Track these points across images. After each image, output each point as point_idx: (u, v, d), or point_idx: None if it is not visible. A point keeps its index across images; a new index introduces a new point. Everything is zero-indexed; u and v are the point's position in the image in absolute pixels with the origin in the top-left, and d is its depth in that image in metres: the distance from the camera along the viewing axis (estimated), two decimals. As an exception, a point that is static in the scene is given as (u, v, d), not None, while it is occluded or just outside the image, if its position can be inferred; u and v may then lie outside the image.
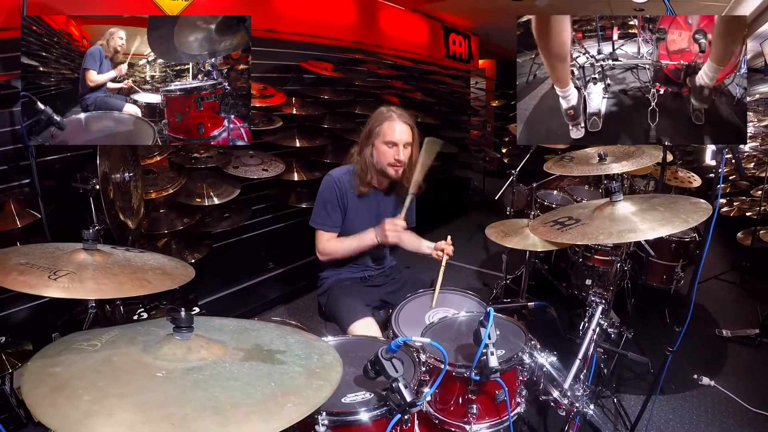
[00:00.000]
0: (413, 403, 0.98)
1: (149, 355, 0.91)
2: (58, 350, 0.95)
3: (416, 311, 1.82)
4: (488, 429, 1.32)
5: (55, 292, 1.09)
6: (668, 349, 1.88)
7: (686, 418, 2.34)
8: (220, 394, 0.78)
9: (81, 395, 0.78)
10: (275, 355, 0.94)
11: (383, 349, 1.02)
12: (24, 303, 2.35)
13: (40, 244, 1.47)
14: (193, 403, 0.75)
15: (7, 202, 2.09)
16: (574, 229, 1.57)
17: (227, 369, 0.86)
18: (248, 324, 1.12)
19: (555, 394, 1.46)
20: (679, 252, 2.98)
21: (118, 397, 0.77)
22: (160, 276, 1.23)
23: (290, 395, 0.80)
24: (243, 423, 0.71)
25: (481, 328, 1.15)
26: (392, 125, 1.95)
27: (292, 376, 0.87)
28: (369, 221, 2.07)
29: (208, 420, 0.72)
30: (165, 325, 1.07)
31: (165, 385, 0.80)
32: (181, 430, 0.69)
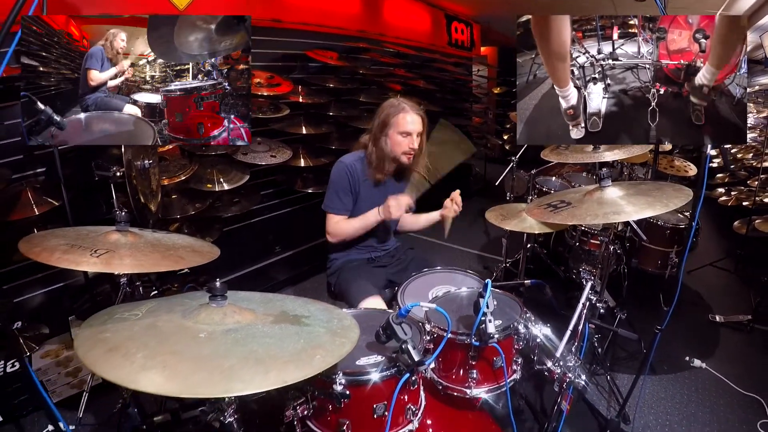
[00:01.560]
0: (421, 362, 1.10)
1: (189, 320, 1.02)
2: (102, 320, 1.07)
3: (421, 288, 1.95)
4: (486, 393, 1.45)
5: (101, 268, 1.21)
6: (657, 328, 1.99)
7: (677, 398, 2.45)
8: (258, 349, 0.90)
9: (134, 353, 0.89)
10: (301, 319, 1.06)
11: (394, 314, 1.14)
12: (38, 289, 2.47)
13: (72, 227, 1.57)
14: (236, 357, 0.87)
15: (24, 190, 2.17)
16: (564, 211, 1.67)
17: (261, 330, 0.99)
18: (272, 296, 1.24)
19: (548, 363, 1.59)
20: (674, 238, 3.07)
21: (170, 354, 0.89)
22: (190, 253, 1.35)
23: (318, 349, 0.92)
24: (281, 370, 0.84)
25: (480, 299, 1.27)
26: (406, 117, 2.06)
27: (317, 335, 1.00)
28: (379, 204, 2.17)
29: (251, 369, 0.84)
30: (197, 297, 1.20)
31: (208, 344, 0.92)
32: (231, 376, 0.81)
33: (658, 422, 2.29)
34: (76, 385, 2.39)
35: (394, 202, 2.04)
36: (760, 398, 2.39)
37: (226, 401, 1.05)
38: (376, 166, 2.14)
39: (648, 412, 2.33)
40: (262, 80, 3.13)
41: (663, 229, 3.09)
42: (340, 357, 0.93)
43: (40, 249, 1.29)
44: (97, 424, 2.22)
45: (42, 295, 2.49)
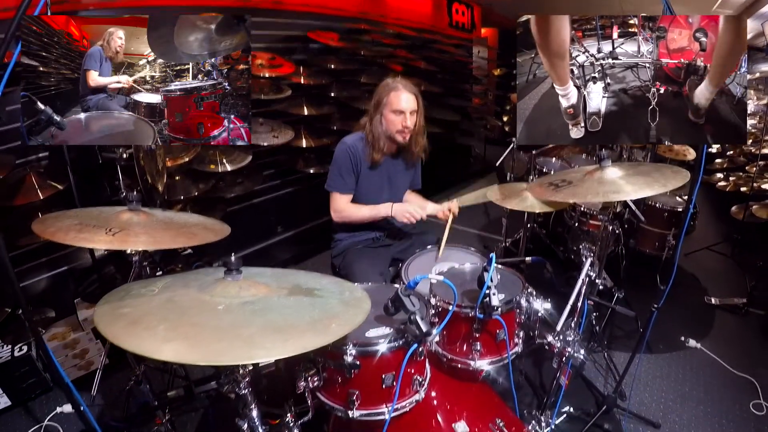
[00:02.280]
0: (429, 333, 1.15)
1: (206, 294, 1.06)
2: (120, 296, 1.10)
3: (424, 264, 2.00)
4: (489, 365, 1.51)
5: (117, 245, 1.25)
6: (653, 306, 2.05)
7: (672, 377, 2.51)
8: (276, 319, 0.94)
9: (156, 326, 0.92)
10: (314, 291, 1.10)
11: (402, 287, 1.18)
12: (43, 272, 2.51)
13: (82, 209, 1.59)
14: (255, 326, 0.91)
15: (28, 175, 2.18)
16: (565, 190, 1.71)
17: (277, 302, 1.03)
18: (283, 271, 1.28)
19: (549, 338, 1.64)
20: (671, 221, 3.12)
21: (190, 325, 0.92)
22: (202, 230, 1.39)
23: (333, 319, 0.96)
24: (299, 338, 0.88)
25: (484, 272, 1.31)
26: (399, 95, 2.08)
27: (331, 306, 1.04)
28: (381, 183, 2.24)
29: (271, 337, 0.88)
30: (211, 272, 1.23)
31: (227, 315, 0.96)
32: (253, 344, 0.85)
33: (653, 399, 2.35)
34: (83, 367, 2.45)
35: (412, 212, 2.10)
36: (752, 379, 2.45)
37: (240, 373, 1.09)
38: (373, 146, 2.17)
39: (644, 390, 2.40)
40: (264, 61, 3.12)
41: (661, 212, 3.14)
42: (355, 325, 0.96)
43: (54, 229, 1.31)
44: (109, 401, 2.27)
45: (47, 278, 2.53)
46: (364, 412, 1.26)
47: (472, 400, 1.54)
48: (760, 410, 2.27)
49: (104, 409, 2.23)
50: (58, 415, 2.19)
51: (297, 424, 1.23)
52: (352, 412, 1.24)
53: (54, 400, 2.28)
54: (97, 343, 2.49)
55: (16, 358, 2.22)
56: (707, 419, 2.22)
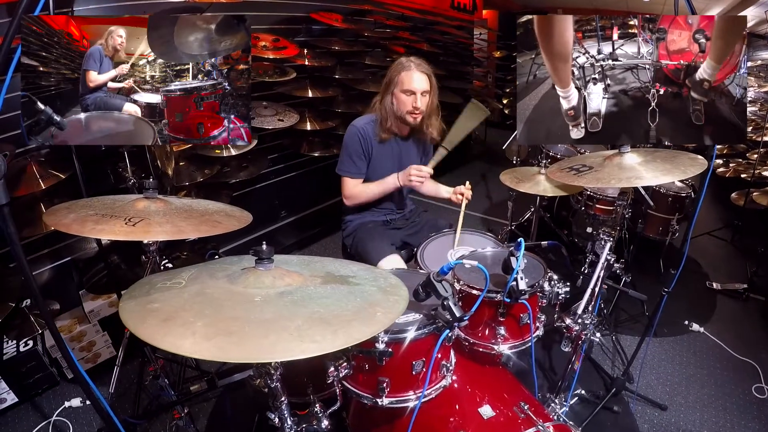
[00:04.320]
0: (462, 318, 1.14)
1: (238, 285, 1.01)
2: (145, 290, 1.03)
3: (438, 250, 1.99)
4: (511, 349, 1.52)
5: (140, 236, 1.20)
6: (664, 290, 2.07)
7: (677, 360, 2.56)
8: (319, 309, 0.90)
9: (194, 322, 0.86)
10: (348, 279, 1.07)
11: (434, 272, 1.17)
12: (47, 264, 2.45)
13: (95, 197, 1.55)
14: (300, 317, 0.87)
15: (29, 164, 2.12)
16: (588, 174, 1.71)
17: (314, 291, 0.99)
18: (309, 258, 1.26)
19: (567, 321, 1.65)
20: (675, 206, 3.13)
21: (230, 320, 0.87)
22: (225, 217, 1.35)
23: (375, 307, 0.94)
24: (348, 328, 0.85)
25: (511, 257, 1.31)
26: (410, 74, 2.04)
27: (370, 293, 1.01)
28: (392, 167, 2.20)
29: (319, 328, 0.84)
30: (234, 261, 1.20)
31: (267, 307, 0.91)
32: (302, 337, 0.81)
33: (659, 382, 2.41)
34: (91, 360, 2.44)
35: (416, 172, 2.05)
36: (754, 363, 2.51)
37: (272, 365, 1.06)
38: (381, 125, 2.14)
39: (650, 372, 2.45)
40: (268, 43, 3.05)
41: (665, 197, 3.15)
42: (400, 312, 0.94)
43: (69, 221, 1.26)
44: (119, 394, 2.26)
45: (50, 270, 2.47)
46: (393, 399, 1.26)
47: (493, 383, 1.55)
48: (761, 393, 2.33)
49: (116, 404, 2.22)
50: (66, 409, 2.18)
51: (325, 413, 1.22)
52: (381, 400, 1.24)
53: (61, 395, 2.28)
54: (104, 335, 2.48)
55: (21, 353, 2.20)
56: (711, 402, 2.28)
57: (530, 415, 1.33)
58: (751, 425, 2.14)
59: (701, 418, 2.18)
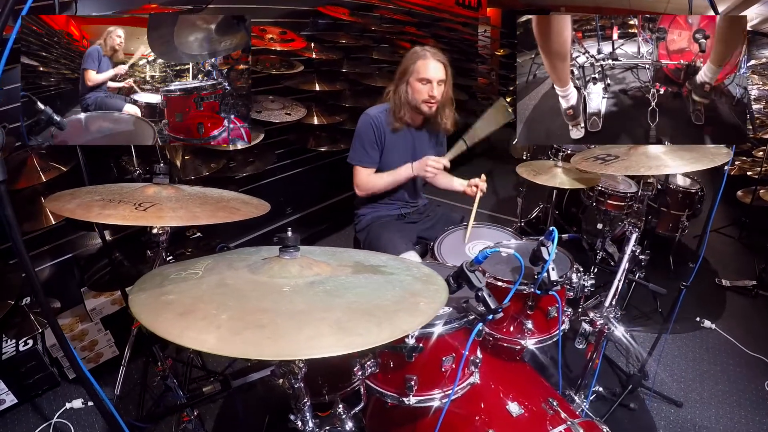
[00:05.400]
0: (497, 310, 1.09)
1: (262, 275, 0.94)
2: (157, 282, 0.95)
3: (455, 243, 1.94)
4: (537, 344, 1.47)
5: (152, 221, 1.13)
6: (682, 284, 2.04)
7: (690, 357, 2.54)
8: (357, 299, 0.83)
9: (217, 315, 0.77)
10: (380, 269, 1.01)
11: (467, 262, 1.11)
12: (47, 261, 2.39)
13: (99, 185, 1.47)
14: (338, 309, 0.79)
15: (29, 157, 2.06)
16: (616, 163, 1.69)
17: (348, 281, 0.92)
18: (333, 249, 1.20)
19: (591, 314, 1.61)
20: (686, 202, 3.11)
21: (260, 312, 0.78)
22: (242, 204, 1.29)
23: (417, 296, 0.86)
24: (393, 320, 0.77)
25: (542, 248, 1.26)
26: (426, 63, 2.00)
27: (408, 283, 0.94)
28: (405, 157, 2.15)
29: (362, 320, 0.76)
30: (253, 252, 1.14)
31: (298, 297, 0.83)
32: (344, 330, 0.73)
33: (673, 378, 2.38)
34: (93, 359, 2.38)
35: (433, 162, 2.00)
36: (765, 359, 2.49)
37: (298, 363, 1.00)
38: (395, 114, 2.10)
39: (663, 369, 2.42)
40: (275, 36, 3.00)
41: (675, 193, 3.12)
42: (443, 303, 0.87)
43: (74, 206, 1.17)
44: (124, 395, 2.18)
45: (51, 267, 2.41)
46: (421, 398, 1.20)
47: (518, 379, 1.51)
48: (773, 390, 2.30)
49: (120, 405, 2.14)
50: (68, 411, 2.11)
51: (349, 415, 1.16)
52: (408, 399, 1.18)
53: (62, 396, 2.21)
54: (106, 334, 2.41)
55: (21, 352, 2.13)
56: (726, 398, 2.26)
57: (559, 412, 1.29)
58: (765, 421, 2.12)
59: (716, 414, 2.16)
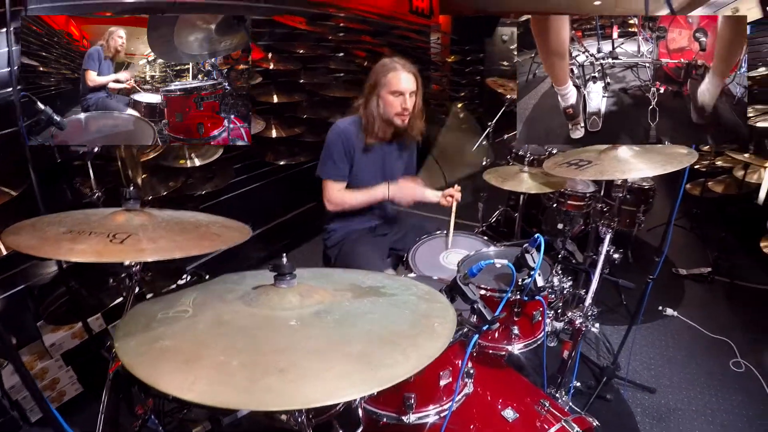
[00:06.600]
0: (494, 321, 1.09)
1: (261, 308, 0.87)
2: (142, 324, 0.86)
3: (430, 253, 1.95)
4: (523, 349, 1.49)
5: (133, 256, 1.03)
6: (649, 278, 2.14)
7: (657, 344, 2.67)
8: (372, 327, 0.78)
9: (228, 362, 0.70)
10: (380, 290, 0.97)
11: (461, 275, 1.11)
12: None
13: (64, 213, 1.34)
14: (356, 340, 0.74)
15: None
16: (591, 168, 1.71)
17: (352, 307, 0.87)
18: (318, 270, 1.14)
19: (569, 314, 1.65)
20: (640, 198, 3.27)
21: (274, 353, 0.71)
22: (222, 229, 1.22)
23: (430, 317, 0.83)
24: (415, 345, 0.73)
25: (526, 254, 1.28)
26: (398, 75, 1.98)
27: (415, 304, 0.90)
28: (375, 170, 2.14)
29: (385, 350, 0.71)
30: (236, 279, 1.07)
31: (309, 331, 0.78)
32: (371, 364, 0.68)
33: (644, 366, 2.49)
34: (55, 399, 2.20)
35: (409, 191, 2.03)
36: (728, 340, 2.64)
37: None
38: (369, 130, 2.07)
39: (634, 359, 2.51)
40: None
41: (630, 191, 3.27)
42: (455, 321, 0.84)
43: (37, 241, 1.05)
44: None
45: (2, 300, 2.19)
46: (420, 415, 1.18)
47: (506, 385, 1.52)
48: (739, 368, 2.46)
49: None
50: None
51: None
52: (407, 417, 1.16)
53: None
54: (68, 371, 2.23)
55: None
56: (695, 380, 2.38)
57: (553, 412, 1.31)
58: (734, 398, 2.26)
59: (688, 396, 2.27)
